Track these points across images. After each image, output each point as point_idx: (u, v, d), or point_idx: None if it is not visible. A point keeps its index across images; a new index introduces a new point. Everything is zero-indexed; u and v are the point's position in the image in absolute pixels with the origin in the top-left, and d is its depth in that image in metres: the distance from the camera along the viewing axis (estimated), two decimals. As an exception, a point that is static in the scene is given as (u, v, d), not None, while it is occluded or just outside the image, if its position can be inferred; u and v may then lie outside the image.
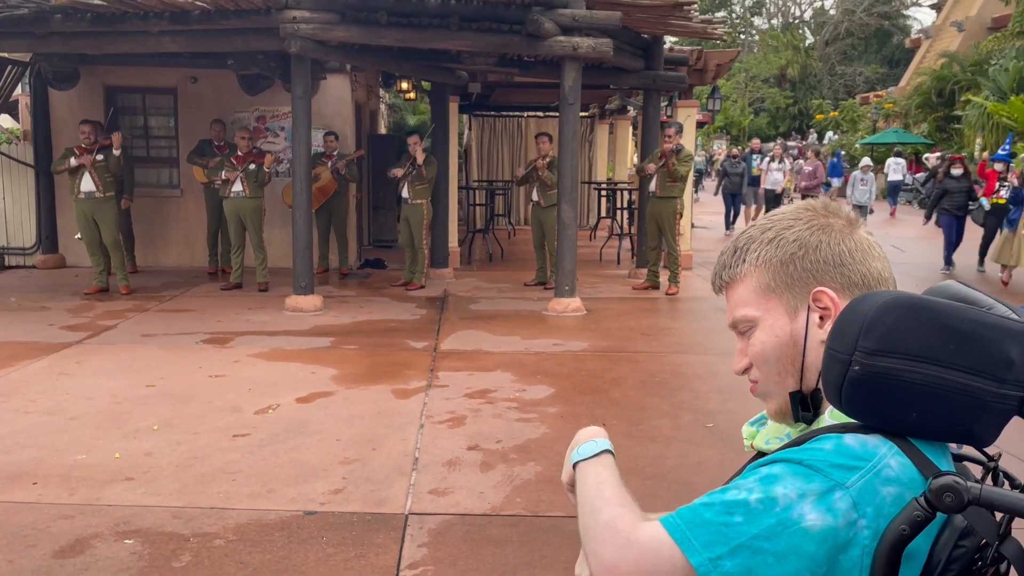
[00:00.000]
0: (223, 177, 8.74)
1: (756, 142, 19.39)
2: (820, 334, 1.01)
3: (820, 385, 1.02)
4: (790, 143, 36.45)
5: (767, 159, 16.28)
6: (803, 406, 1.05)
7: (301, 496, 3.76)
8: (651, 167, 8.94)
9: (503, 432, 4.63)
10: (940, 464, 0.93)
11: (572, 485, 1.11)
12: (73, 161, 8.28)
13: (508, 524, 3.53)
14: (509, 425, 4.75)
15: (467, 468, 4.12)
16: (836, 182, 23.33)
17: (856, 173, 15.54)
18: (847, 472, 0.89)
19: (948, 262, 11.16)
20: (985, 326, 0.90)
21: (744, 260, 1.07)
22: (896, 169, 21.80)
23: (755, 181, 15.93)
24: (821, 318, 1.02)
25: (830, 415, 1.02)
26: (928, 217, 11.49)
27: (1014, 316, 0.93)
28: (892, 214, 19.61)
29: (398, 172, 9.02)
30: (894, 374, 0.89)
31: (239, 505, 3.66)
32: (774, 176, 15.66)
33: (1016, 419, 0.94)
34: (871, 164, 16.45)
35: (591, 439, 1.11)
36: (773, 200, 15.58)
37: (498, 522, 3.54)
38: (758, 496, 0.89)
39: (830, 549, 0.87)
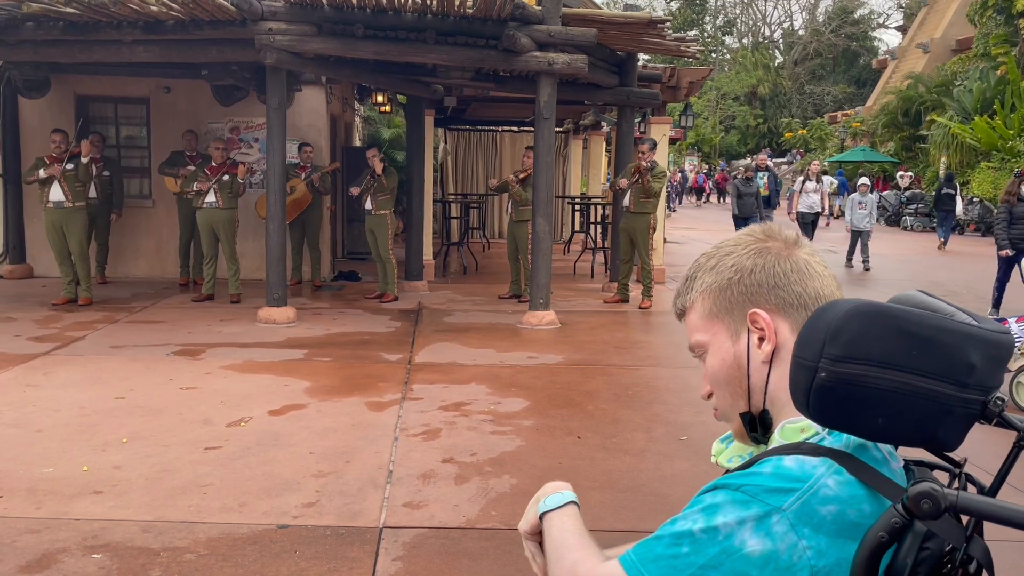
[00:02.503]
0: (195, 188, 8.68)
1: (763, 157, 16.58)
2: (760, 355, 1.05)
3: (767, 405, 1.06)
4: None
5: (801, 179, 14.01)
6: (751, 427, 1.08)
7: (274, 509, 3.72)
8: (623, 182, 9.04)
9: (478, 445, 4.62)
10: (888, 475, 0.96)
11: (530, 534, 1.16)
12: (42, 173, 8.18)
13: (483, 537, 3.52)
14: (484, 438, 4.75)
15: (442, 481, 4.10)
16: (838, 202, 23.08)
17: (854, 195, 13.55)
18: (783, 496, 0.92)
19: (996, 304, 9.20)
20: (947, 332, 0.92)
21: (692, 288, 1.12)
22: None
23: (767, 202, 13.98)
24: (760, 339, 1.06)
25: (780, 434, 1.04)
26: (1003, 247, 9.00)
27: (975, 323, 0.96)
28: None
29: (355, 191, 9.06)
30: (859, 380, 0.90)
31: (210, 519, 3.61)
32: (810, 198, 13.54)
33: (982, 426, 0.96)
34: (868, 183, 14.35)
35: (557, 491, 1.16)
36: (811, 227, 13.62)
37: (473, 535, 3.54)
38: (701, 526, 0.93)
39: (773, 571, 0.90)
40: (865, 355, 0.90)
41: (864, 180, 14.27)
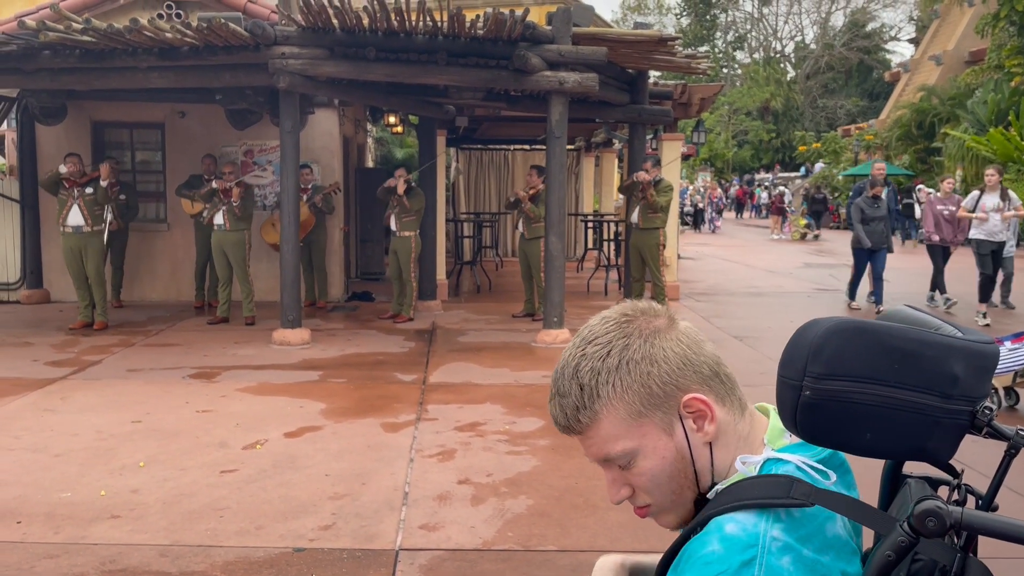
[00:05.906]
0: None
1: (880, 166, 12.17)
2: (700, 437, 1.00)
3: (715, 480, 1.01)
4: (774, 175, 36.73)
5: (976, 193, 9.91)
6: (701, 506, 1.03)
7: (290, 532, 3.71)
8: (641, 174, 8.94)
9: (494, 465, 4.60)
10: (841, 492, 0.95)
11: None
12: (63, 168, 8.25)
13: (500, 559, 3.49)
14: (500, 458, 4.72)
15: (458, 502, 4.08)
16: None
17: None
18: (748, 569, 0.89)
19: None
20: (928, 345, 0.91)
21: (599, 395, 0.99)
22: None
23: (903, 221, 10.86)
24: (697, 422, 1.00)
25: (721, 486, 1.00)
26: None
27: (959, 334, 0.95)
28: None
29: (392, 183, 9.05)
30: (843, 396, 0.90)
31: (227, 542, 3.61)
32: (992, 222, 9.49)
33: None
34: (1015, 196, 10.02)
35: None
36: (991, 258, 9.57)
37: (490, 557, 3.51)
38: None
39: None
40: (847, 371, 0.90)
41: (1016, 199, 10.08)
